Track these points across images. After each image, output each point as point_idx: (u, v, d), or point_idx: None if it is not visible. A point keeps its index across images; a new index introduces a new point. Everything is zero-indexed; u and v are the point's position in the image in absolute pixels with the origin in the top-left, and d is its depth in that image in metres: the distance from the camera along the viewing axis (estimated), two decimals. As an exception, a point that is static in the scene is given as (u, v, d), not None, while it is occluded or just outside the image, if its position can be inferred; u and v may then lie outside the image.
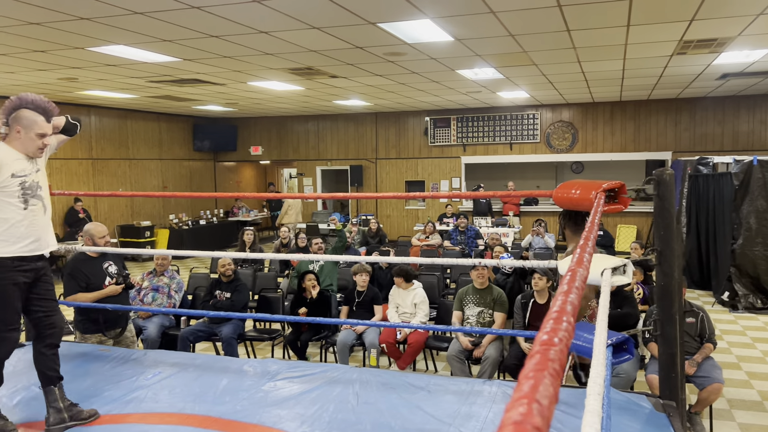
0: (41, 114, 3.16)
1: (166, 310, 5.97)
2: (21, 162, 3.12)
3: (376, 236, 11.22)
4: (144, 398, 3.60)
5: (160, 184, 15.47)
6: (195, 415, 3.33)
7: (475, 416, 3.24)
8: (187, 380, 3.91)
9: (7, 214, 3.08)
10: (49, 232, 3.29)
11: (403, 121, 15.44)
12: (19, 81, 9.37)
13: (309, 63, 8.23)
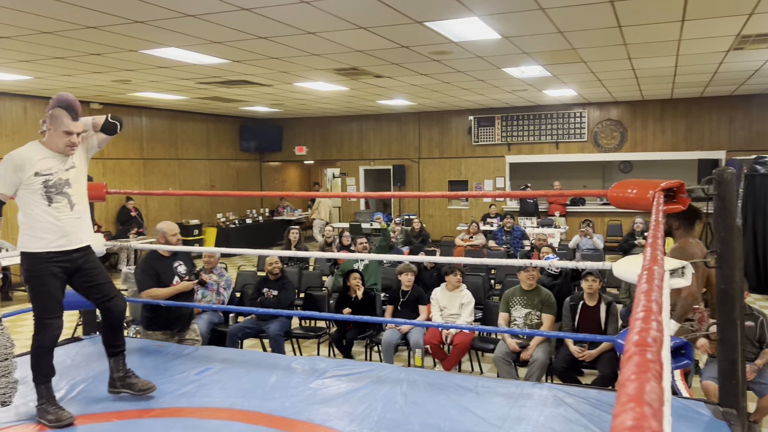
0: (70, 113, 3.20)
1: (215, 307, 6.08)
2: (48, 161, 3.19)
3: (419, 236, 11.19)
4: (195, 393, 3.66)
5: (208, 183, 15.79)
6: (245, 411, 3.37)
7: (525, 419, 3.19)
8: (236, 376, 3.97)
9: (33, 210, 3.18)
10: (79, 228, 3.33)
11: (446, 120, 15.36)
12: (76, 83, 9.69)
13: (354, 63, 8.26)
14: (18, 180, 3.15)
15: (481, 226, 11.68)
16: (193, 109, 14.42)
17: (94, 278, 3.43)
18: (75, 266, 3.35)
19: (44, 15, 5.55)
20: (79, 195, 3.34)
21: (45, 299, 3.26)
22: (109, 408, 3.48)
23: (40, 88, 10.28)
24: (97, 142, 3.49)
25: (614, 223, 13.61)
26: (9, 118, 10.95)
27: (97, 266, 3.48)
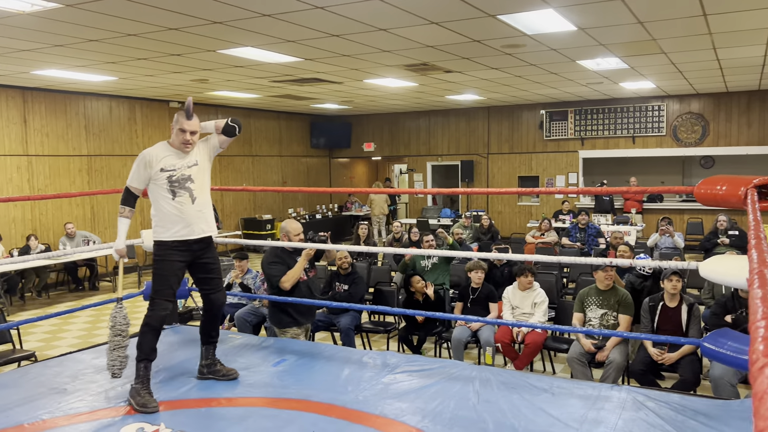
0: (185, 113, 3.53)
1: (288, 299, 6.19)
2: (171, 158, 3.54)
3: (488, 233, 11.06)
4: (271, 384, 3.77)
5: (280, 179, 16.15)
6: (320, 403, 3.44)
7: (603, 422, 3.10)
8: (310, 368, 4.05)
9: (160, 203, 3.56)
10: (200, 220, 3.62)
11: (516, 114, 15.09)
12: (157, 83, 10.11)
13: (425, 59, 8.24)
14: (147, 175, 3.53)
15: (553, 223, 11.41)
16: (266, 107, 14.77)
17: (208, 271, 3.77)
18: (195, 256, 3.67)
19: (130, 18, 5.82)
20: (201, 189, 3.63)
21: (160, 281, 3.59)
22: (189, 395, 3.63)
23: (124, 89, 10.78)
24: (218, 143, 3.78)
25: (694, 220, 13.01)
26: (96, 117, 11.55)
27: (213, 260, 3.80)
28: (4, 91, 10.07)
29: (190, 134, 3.53)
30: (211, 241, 3.77)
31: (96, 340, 7.22)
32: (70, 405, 3.46)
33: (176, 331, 4.93)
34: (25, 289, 9.71)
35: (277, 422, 3.20)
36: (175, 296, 3.73)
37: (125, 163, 12.01)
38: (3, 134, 10.10)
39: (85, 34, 6.39)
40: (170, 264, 3.58)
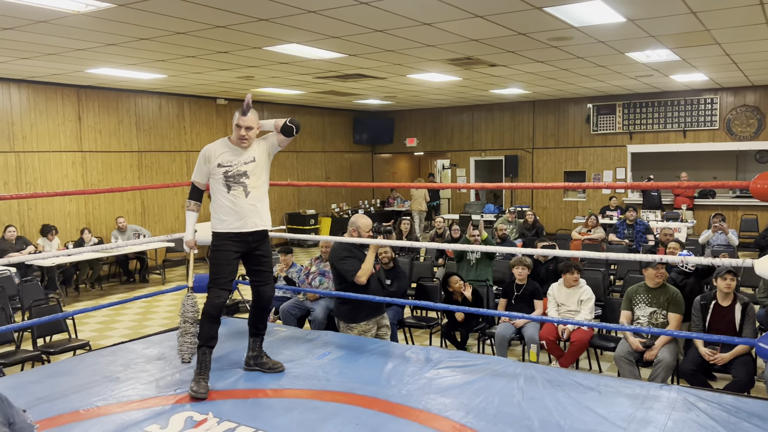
0: (242, 109, 3.66)
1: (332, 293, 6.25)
2: (228, 154, 3.70)
3: (532, 228, 10.91)
4: (316, 376, 3.81)
5: (323, 175, 16.29)
6: (364, 396, 3.46)
7: (653, 422, 3.03)
8: (354, 361, 4.08)
9: (217, 196, 3.73)
10: (254, 214, 3.75)
11: (562, 108, 14.83)
12: (204, 80, 10.31)
13: (469, 53, 8.17)
14: (207, 170, 3.73)
15: (600, 219, 11.19)
16: (309, 104, 14.90)
17: (260, 264, 3.90)
18: (249, 248, 3.81)
19: (179, 17, 5.95)
20: (256, 185, 3.75)
21: (216, 270, 3.74)
22: (237, 386, 3.71)
23: (173, 86, 11.04)
24: (277, 141, 3.90)
25: (749, 217, 12.55)
26: (146, 113, 11.87)
27: (266, 254, 3.92)
28: (60, 90, 10.44)
29: (245, 130, 3.64)
30: (266, 234, 3.88)
31: (146, 330, 7.43)
32: (122, 393, 3.58)
33: (224, 322, 5.02)
34: (79, 281, 10.07)
35: (322, 414, 3.24)
36: (231, 285, 3.82)
37: (174, 159, 12.31)
38: (59, 131, 10.48)
39: (137, 32, 6.56)
40: (225, 254, 3.72)
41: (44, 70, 8.87)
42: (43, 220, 10.14)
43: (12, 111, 9.87)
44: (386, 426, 3.07)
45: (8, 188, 9.77)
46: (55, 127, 10.43)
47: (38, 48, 7.24)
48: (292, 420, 3.17)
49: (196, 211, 3.88)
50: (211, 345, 3.67)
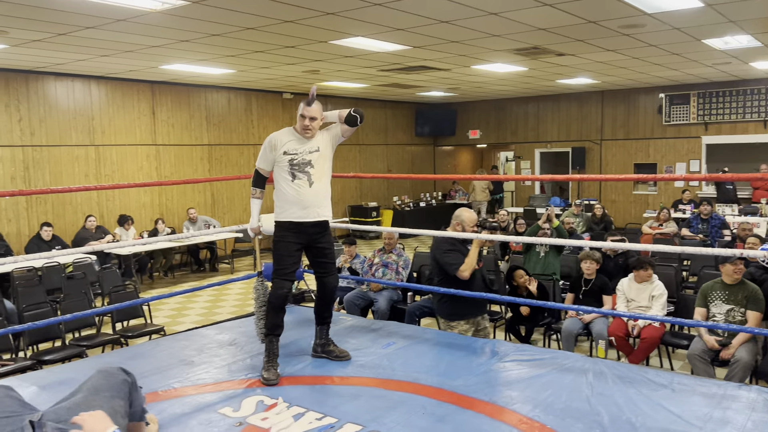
0: (306, 100, 3.71)
1: (397, 284, 6.31)
2: (293, 143, 3.74)
3: (601, 222, 10.63)
4: (381, 365, 3.86)
5: (385, 167, 16.37)
6: (429, 386, 3.48)
7: (731, 422, 2.92)
8: (419, 352, 4.10)
9: (280, 184, 3.78)
10: (317, 204, 3.79)
11: (633, 98, 14.33)
12: (272, 75, 10.54)
13: (536, 42, 8.02)
14: (272, 158, 3.77)
15: (672, 213, 10.78)
16: (372, 96, 14.98)
17: (323, 255, 3.94)
18: (311, 239, 3.85)
19: (249, 12, 6.11)
20: (319, 175, 3.79)
21: (278, 261, 3.80)
22: (304, 372, 3.80)
23: (242, 81, 11.33)
24: (340, 132, 3.93)
25: (837, 212, 11.79)
26: (216, 108, 12.24)
27: (329, 245, 3.96)
28: (136, 86, 10.90)
29: (309, 120, 3.69)
30: (327, 226, 3.91)
31: (216, 317, 7.71)
32: (197, 376, 3.73)
33: (291, 311, 5.15)
34: (153, 269, 10.51)
35: (388, 402, 3.28)
36: (294, 276, 3.88)
37: (242, 152, 12.66)
38: (134, 125, 10.95)
39: (209, 29, 6.77)
40: (287, 245, 3.77)
41: (121, 66, 9.28)
42: (120, 210, 10.64)
43: (92, 106, 10.38)
44: (452, 416, 3.08)
45: (88, 180, 10.29)
46: (131, 122, 10.90)
47: (117, 45, 7.58)
48: (359, 407, 3.22)
49: (261, 198, 3.93)
50: (277, 333, 3.77)
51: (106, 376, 2.46)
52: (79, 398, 2.33)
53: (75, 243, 9.42)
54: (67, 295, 6.45)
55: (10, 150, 9.45)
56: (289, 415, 3.12)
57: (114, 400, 2.35)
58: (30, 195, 9.59)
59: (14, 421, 2.18)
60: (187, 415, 3.12)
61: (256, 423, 3.04)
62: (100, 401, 2.30)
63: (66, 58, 8.46)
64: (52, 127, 9.91)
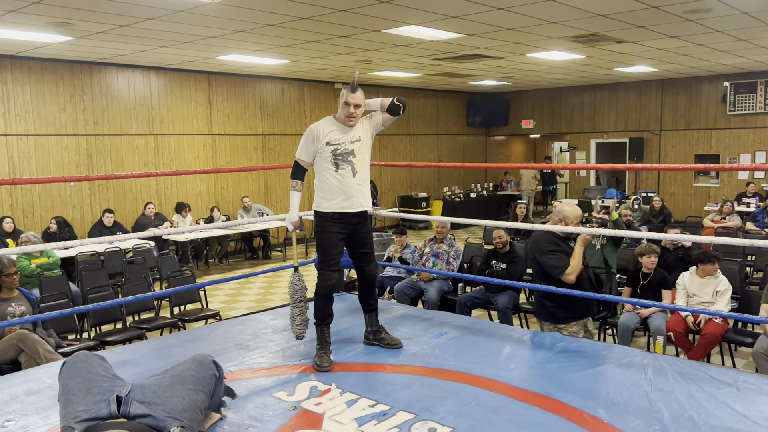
0: (350, 87, 3.66)
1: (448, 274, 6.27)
2: (336, 132, 3.71)
3: (659, 215, 10.29)
4: (433, 354, 3.84)
5: (435, 157, 16.28)
6: (482, 377, 3.45)
7: (802, 425, 2.79)
8: (471, 343, 4.07)
9: (323, 174, 3.74)
10: (359, 194, 3.76)
11: (695, 87, 13.79)
12: (324, 65, 10.60)
13: (594, 29, 7.79)
14: (314, 148, 3.73)
15: (735, 206, 10.35)
16: (424, 86, 14.90)
17: (364, 245, 3.93)
18: (353, 229, 3.83)
19: (305, 2, 6.14)
20: (362, 165, 3.77)
21: (324, 252, 3.79)
22: (357, 359, 3.82)
23: (295, 71, 11.45)
24: (382, 121, 3.91)
25: None
26: (270, 98, 12.41)
27: (368, 235, 3.94)
28: (193, 76, 11.15)
29: (354, 107, 3.64)
30: (367, 215, 3.87)
31: (269, 303, 7.85)
32: (252, 360, 3.81)
33: (342, 298, 5.20)
34: (209, 256, 10.78)
35: (440, 392, 3.27)
36: (340, 266, 3.88)
37: (295, 142, 12.78)
38: (191, 115, 11.21)
39: (264, 19, 6.85)
40: (331, 236, 3.75)
41: (180, 57, 9.50)
42: (177, 198, 10.94)
43: (151, 96, 10.68)
44: (506, 408, 3.04)
45: (147, 168, 10.61)
46: (189, 112, 11.17)
47: (175, 36, 7.76)
48: (411, 395, 3.22)
49: (301, 190, 3.86)
50: (327, 322, 3.78)
51: (198, 367, 2.53)
52: (166, 383, 2.40)
53: (134, 229, 9.75)
54: (128, 279, 6.67)
55: (75, 139, 9.83)
56: (342, 401, 3.15)
57: (197, 393, 2.42)
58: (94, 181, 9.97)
59: (104, 391, 2.28)
60: (243, 398, 3.19)
61: (310, 408, 3.07)
62: (184, 392, 2.38)
63: (127, 50, 8.72)
64: (113, 116, 10.25)
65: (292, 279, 3.91)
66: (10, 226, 8.44)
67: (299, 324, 3.84)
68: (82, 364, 2.44)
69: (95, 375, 2.38)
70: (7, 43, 7.96)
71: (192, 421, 2.34)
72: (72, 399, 2.28)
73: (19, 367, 4.57)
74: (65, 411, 2.26)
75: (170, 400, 2.32)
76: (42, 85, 9.44)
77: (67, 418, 2.22)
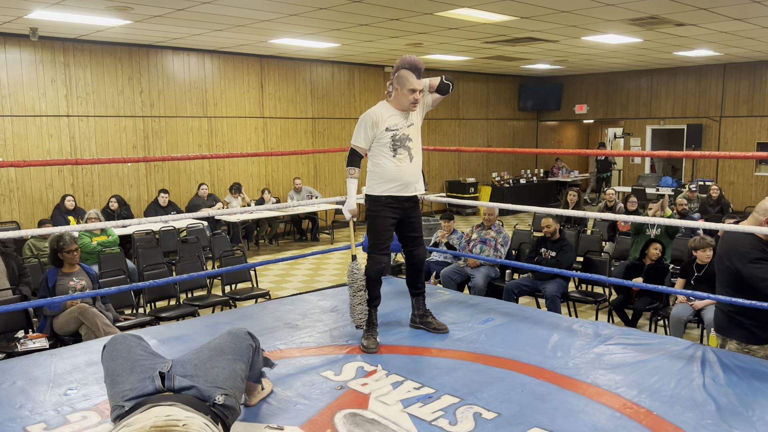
0: (414, 72, 3.62)
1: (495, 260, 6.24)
2: (395, 117, 3.68)
3: (716, 205, 9.96)
4: (479, 340, 3.84)
5: (485, 142, 16.11)
6: (528, 365, 3.43)
7: None
8: (518, 330, 4.05)
9: (380, 160, 3.71)
10: (415, 178, 3.77)
11: (759, 72, 13.19)
12: (374, 48, 10.59)
13: (653, 11, 7.53)
14: (373, 135, 3.69)
15: (800, 197, 9.90)
16: (474, 70, 14.72)
17: (413, 230, 3.94)
18: (404, 214, 3.84)
19: (356, -14, 6.16)
20: (417, 149, 3.77)
21: (375, 236, 3.81)
22: (403, 342, 3.86)
23: (345, 54, 11.48)
24: (431, 101, 3.90)
25: None
26: (320, 82, 12.50)
27: (418, 219, 3.96)
28: (246, 60, 11.32)
29: (420, 93, 3.63)
30: (418, 200, 3.88)
31: (317, 284, 7.98)
32: (301, 339, 3.88)
33: (389, 282, 5.23)
34: (259, 237, 11.00)
35: (486, 377, 3.27)
36: (389, 250, 3.90)
37: (344, 126, 12.88)
38: (244, 98, 11.40)
39: (316, 2, 6.88)
40: (383, 220, 3.76)
41: (233, 41, 9.66)
42: (230, 179, 11.19)
43: (205, 80, 10.90)
44: (553, 396, 3.02)
45: (201, 150, 10.87)
46: (241, 95, 11.36)
47: (229, 20, 7.88)
48: (457, 380, 3.23)
49: (357, 177, 3.80)
50: (375, 305, 3.82)
51: (234, 339, 2.61)
52: (205, 356, 2.49)
53: (188, 209, 10.03)
54: (182, 258, 6.88)
55: (132, 120, 10.14)
56: (388, 383, 3.19)
57: (236, 362, 2.50)
58: (150, 162, 10.28)
59: (147, 369, 2.38)
60: (291, 376, 3.27)
61: (357, 388, 3.12)
62: (223, 363, 2.46)
63: (183, 33, 8.91)
64: (169, 99, 10.51)
65: (351, 268, 3.83)
66: (72, 204, 8.80)
67: (359, 313, 3.76)
68: (121, 345, 2.53)
69: (136, 355, 2.47)
70: (69, 26, 8.24)
71: (234, 389, 2.42)
72: (117, 380, 2.37)
73: (79, 339, 4.80)
74: (112, 392, 2.36)
75: (211, 371, 2.40)
76: (102, 67, 9.76)
77: (115, 398, 2.32)
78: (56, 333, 4.97)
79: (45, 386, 3.16)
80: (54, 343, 4.85)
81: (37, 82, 9.17)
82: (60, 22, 7.81)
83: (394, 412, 2.85)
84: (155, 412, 2.10)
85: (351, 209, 3.84)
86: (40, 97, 9.22)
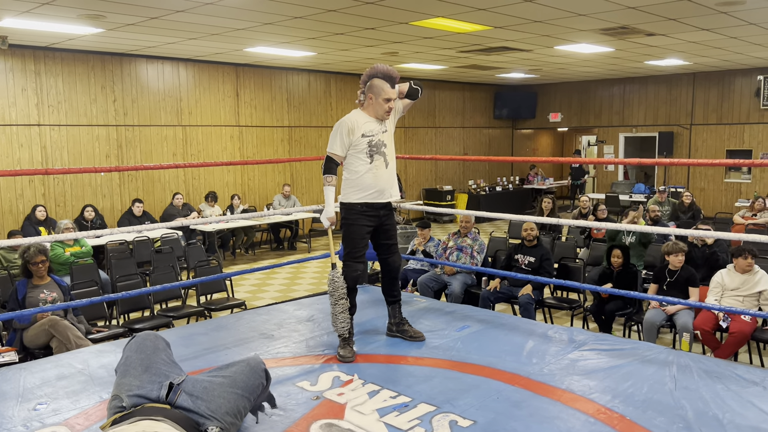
0: (387, 81, 3.65)
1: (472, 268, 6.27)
2: (370, 124, 3.71)
3: (688, 211, 10.13)
4: (455, 347, 3.85)
5: (461, 150, 16.21)
6: (503, 371, 3.45)
7: (830, 426, 2.74)
8: (494, 337, 4.07)
9: (356, 167, 3.72)
10: (390, 184, 3.79)
11: (727, 81, 13.50)
12: (351, 57, 10.61)
13: (624, 21, 7.67)
14: (349, 142, 3.69)
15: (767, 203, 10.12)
16: (450, 79, 14.83)
17: (388, 237, 3.94)
18: (380, 222, 3.84)
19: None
20: (391, 155, 3.80)
21: (351, 245, 3.81)
22: (379, 351, 3.85)
23: (321, 63, 11.48)
24: (402, 107, 3.92)
25: None
26: (296, 90, 12.48)
27: (393, 226, 3.95)
28: (221, 68, 11.26)
29: (393, 101, 3.68)
30: (392, 207, 3.90)
31: (294, 294, 7.93)
32: (276, 349, 3.86)
33: (366, 290, 5.23)
34: (235, 246, 10.91)
35: (461, 385, 3.28)
36: (365, 258, 3.89)
37: (320, 134, 12.86)
38: (219, 107, 11.34)
39: (291, 11, 6.88)
40: (359, 228, 3.77)
41: (208, 49, 9.60)
42: (205, 188, 11.09)
43: (180, 88, 10.82)
44: (528, 402, 3.04)
45: (176, 159, 10.77)
46: (216, 103, 11.29)
47: (204, 28, 7.84)
48: (433, 388, 3.24)
49: (335, 185, 3.79)
50: (351, 313, 3.80)
51: (250, 373, 2.59)
52: (217, 381, 2.47)
53: (163, 219, 9.91)
54: (156, 268, 6.79)
55: (105, 129, 10.01)
56: (364, 392, 3.18)
57: (242, 399, 2.50)
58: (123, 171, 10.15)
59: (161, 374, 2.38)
60: (267, 387, 3.24)
61: (333, 398, 3.11)
62: (231, 396, 2.46)
63: (157, 41, 8.84)
64: (143, 107, 10.41)
65: (331, 276, 3.78)
66: (43, 214, 8.64)
67: (342, 321, 3.70)
68: (150, 343, 2.53)
69: (157, 357, 2.47)
70: (40, 35, 8.13)
71: (231, 425, 2.41)
72: (129, 371, 2.37)
73: (50, 352, 4.70)
74: (120, 381, 2.35)
75: (216, 400, 2.39)
76: (74, 76, 9.62)
77: (119, 387, 2.32)
78: (26, 346, 4.87)
79: (14, 401, 3.10)
80: (24, 356, 4.74)
81: (7, 91, 9.01)
82: (31, 30, 7.70)
83: (370, 422, 2.85)
84: (143, 425, 2.09)
85: (329, 217, 3.83)
86: (10, 106, 9.05)
